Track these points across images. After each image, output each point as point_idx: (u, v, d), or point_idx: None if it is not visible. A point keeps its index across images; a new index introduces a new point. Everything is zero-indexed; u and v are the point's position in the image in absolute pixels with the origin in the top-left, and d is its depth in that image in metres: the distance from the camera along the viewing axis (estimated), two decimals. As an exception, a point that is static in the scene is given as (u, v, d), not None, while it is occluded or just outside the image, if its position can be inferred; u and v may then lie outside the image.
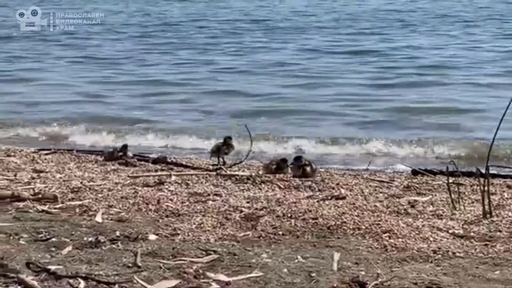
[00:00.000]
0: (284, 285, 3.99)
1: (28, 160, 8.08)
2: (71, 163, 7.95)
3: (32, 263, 4.18)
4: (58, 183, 6.62)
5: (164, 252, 4.54)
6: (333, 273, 4.20)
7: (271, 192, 6.45)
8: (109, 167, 7.79)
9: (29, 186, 6.48)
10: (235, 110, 13.82)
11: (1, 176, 6.98)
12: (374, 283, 3.98)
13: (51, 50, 25.04)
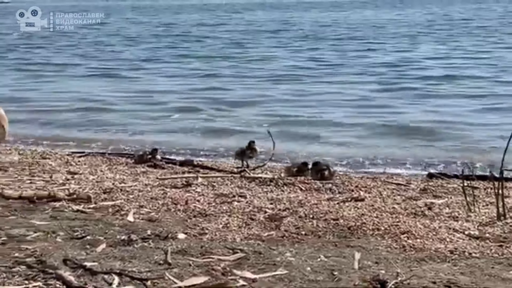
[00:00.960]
0: (307, 282, 3.99)
1: (62, 162, 8.11)
2: (103, 165, 7.97)
3: (69, 260, 4.21)
4: (91, 184, 6.64)
5: (193, 250, 4.54)
6: (354, 271, 4.20)
7: (293, 194, 6.45)
8: (139, 169, 7.79)
9: (64, 187, 6.50)
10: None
11: (37, 177, 7.01)
12: (394, 282, 3.97)
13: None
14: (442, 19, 52.00)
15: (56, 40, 35.26)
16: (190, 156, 9.51)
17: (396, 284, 3.96)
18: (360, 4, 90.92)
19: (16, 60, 26.62)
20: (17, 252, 4.39)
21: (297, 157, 9.37)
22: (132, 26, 50.71)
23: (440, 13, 61.86)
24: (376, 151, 10.53)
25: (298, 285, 3.95)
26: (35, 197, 5.91)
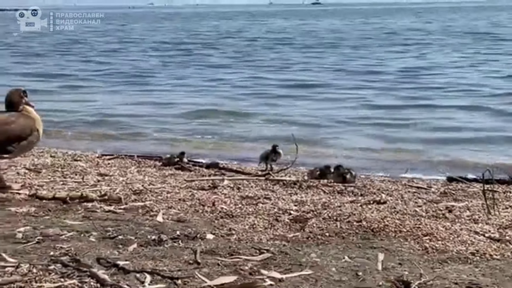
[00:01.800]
0: (333, 283, 3.98)
1: (93, 164, 8.13)
2: (132, 167, 7.98)
3: (102, 259, 4.23)
4: (122, 186, 6.64)
5: (221, 250, 4.54)
6: (378, 272, 4.18)
7: (317, 196, 6.43)
8: (167, 171, 7.79)
9: (95, 188, 6.51)
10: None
11: (70, 178, 7.04)
12: (418, 283, 3.95)
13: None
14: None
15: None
16: (216, 159, 9.50)
17: (420, 285, 3.95)
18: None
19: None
20: (52, 250, 4.41)
21: (319, 161, 9.37)
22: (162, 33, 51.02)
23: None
24: (397, 155, 10.52)
25: (324, 285, 3.94)
26: (68, 198, 5.93)
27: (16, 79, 21.36)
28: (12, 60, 29.90)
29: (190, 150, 9.72)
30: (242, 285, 3.91)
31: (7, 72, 24.28)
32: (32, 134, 6.21)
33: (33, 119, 6.28)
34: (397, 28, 56.23)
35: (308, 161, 9.46)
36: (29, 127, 6.20)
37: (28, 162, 7.86)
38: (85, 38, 45.50)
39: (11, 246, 4.51)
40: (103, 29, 58.28)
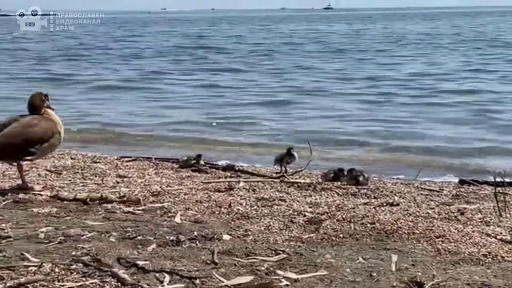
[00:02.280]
0: (347, 283, 3.99)
1: (112, 166, 8.15)
2: (149, 169, 7.99)
3: (122, 259, 4.24)
4: (140, 187, 6.64)
5: (238, 251, 4.55)
6: (392, 273, 4.18)
7: (331, 199, 6.43)
8: (184, 173, 7.80)
9: (114, 189, 6.52)
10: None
11: (89, 180, 7.06)
12: (431, 284, 3.95)
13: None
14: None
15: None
16: (231, 161, 9.52)
17: (433, 285, 3.95)
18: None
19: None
20: (74, 250, 4.43)
21: (332, 164, 9.38)
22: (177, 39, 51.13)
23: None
24: (409, 157, 10.52)
25: (339, 286, 3.94)
26: (89, 199, 5.95)
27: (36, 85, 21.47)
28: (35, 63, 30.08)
29: (206, 152, 9.72)
30: (259, 285, 3.92)
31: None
32: (53, 136, 6.26)
33: (55, 122, 6.33)
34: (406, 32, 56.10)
35: (322, 164, 9.48)
36: (51, 129, 6.24)
37: (49, 164, 7.91)
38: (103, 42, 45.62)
39: (34, 246, 4.53)
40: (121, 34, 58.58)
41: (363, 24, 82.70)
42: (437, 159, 10.59)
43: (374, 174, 8.63)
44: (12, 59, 32.33)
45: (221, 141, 12.09)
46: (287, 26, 78.24)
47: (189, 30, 69.06)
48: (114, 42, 47.11)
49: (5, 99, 17.53)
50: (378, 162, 10.40)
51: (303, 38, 50.72)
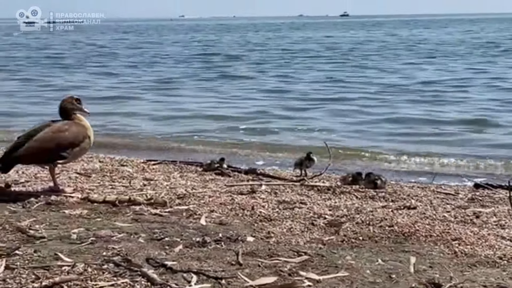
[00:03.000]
0: (368, 284, 4.00)
1: (139, 169, 8.20)
2: (174, 173, 8.03)
3: (151, 259, 4.28)
4: (166, 190, 6.67)
5: (261, 252, 4.57)
6: (411, 275, 4.18)
7: (350, 202, 6.43)
8: (207, 176, 7.82)
9: (142, 192, 6.55)
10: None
11: (118, 183, 7.12)
12: (449, 285, 3.95)
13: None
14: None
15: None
16: (253, 165, 9.55)
17: (451, 287, 3.95)
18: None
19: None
20: (104, 251, 4.48)
21: (350, 168, 9.41)
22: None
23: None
24: (425, 162, 10.50)
25: (359, 287, 3.96)
26: (117, 201, 6.00)
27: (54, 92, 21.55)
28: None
29: (228, 156, 9.75)
30: (282, 285, 3.95)
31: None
32: (84, 141, 6.32)
33: (85, 127, 6.40)
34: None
35: (339, 167, 9.49)
36: (81, 134, 6.31)
37: (78, 167, 7.98)
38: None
39: (67, 247, 4.59)
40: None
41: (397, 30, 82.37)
42: (452, 163, 10.55)
43: (391, 177, 8.62)
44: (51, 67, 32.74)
45: (243, 145, 12.13)
46: (309, 33, 78.23)
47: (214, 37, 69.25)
48: (135, 49, 47.49)
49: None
50: (393, 166, 10.38)
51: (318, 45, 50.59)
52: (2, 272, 4.02)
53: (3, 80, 25.14)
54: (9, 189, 6.46)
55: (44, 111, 15.48)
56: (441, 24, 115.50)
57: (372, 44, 51.18)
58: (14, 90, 22.22)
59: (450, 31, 77.76)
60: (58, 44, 52.09)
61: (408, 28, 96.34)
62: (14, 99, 19.58)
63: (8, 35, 64.29)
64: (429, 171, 9.80)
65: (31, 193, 6.34)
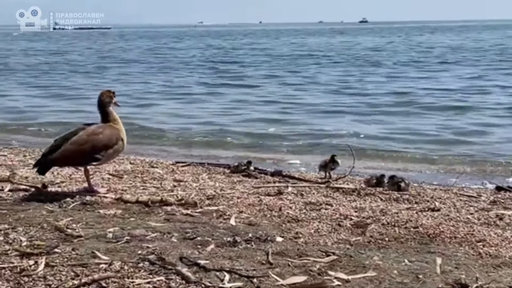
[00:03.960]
0: (395, 284, 3.99)
1: (168, 171, 8.24)
2: (203, 174, 8.06)
3: (184, 258, 4.30)
4: (195, 191, 6.69)
5: (290, 252, 4.58)
6: (437, 275, 4.17)
7: (375, 203, 6.41)
8: (235, 178, 7.84)
9: (172, 193, 6.58)
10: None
11: (149, 184, 7.15)
12: (475, 286, 3.93)
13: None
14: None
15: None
16: (278, 167, 9.54)
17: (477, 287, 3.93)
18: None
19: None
20: (139, 249, 4.51)
21: (372, 171, 9.39)
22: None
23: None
24: (447, 165, 10.44)
25: (387, 287, 3.95)
26: (150, 202, 6.02)
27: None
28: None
29: (254, 158, 9.75)
30: (312, 285, 3.95)
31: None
32: (117, 143, 6.37)
33: (118, 130, 6.44)
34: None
35: (362, 170, 9.46)
36: (115, 137, 6.36)
37: (111, 168, 8.04)
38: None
39: (103, 245, 4.63)
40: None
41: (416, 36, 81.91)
42: (473, 165, 10.47)
43: (413, 180, 8.57)
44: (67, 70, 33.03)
45: (269, 148, 12.15)
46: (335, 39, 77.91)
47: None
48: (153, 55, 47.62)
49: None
50: (416, 168, 10.33)
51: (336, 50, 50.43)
52: (43, 270, 4.07)
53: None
54: (45, 190, 6.52)
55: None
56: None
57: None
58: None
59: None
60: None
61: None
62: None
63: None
64: (450, 174, 9.73)
65: (67, 193, 6.39)
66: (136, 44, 66.55)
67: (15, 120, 16.24)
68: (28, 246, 4.56)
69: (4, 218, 5.41)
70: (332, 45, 60.11)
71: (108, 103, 6.41)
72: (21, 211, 5.67)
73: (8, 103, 19.72)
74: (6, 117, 16.68)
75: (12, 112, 17.81)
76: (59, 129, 13.10)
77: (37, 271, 4.04)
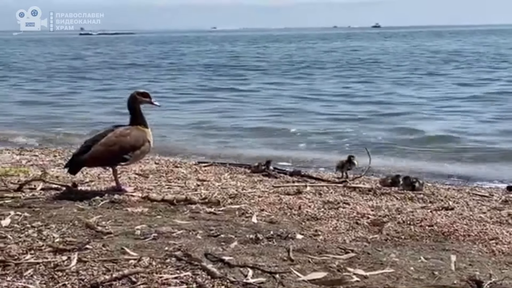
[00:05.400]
0: (412, 280, 3.98)
1: (192, 170, 8.27)
2: (225, 174, 8.08)
3: (209, 254, 4.31)
4: (218, 190, 6.70)
5: (310, 249, 4.57)
6: (452, 272, 4.15)
7: (390, 202, 6.39)
8: (255, 178, 7.84)
9: (196, 192, 6.59)
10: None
11: (173, 183, 7.19)
12: (489, 282, 3.92)
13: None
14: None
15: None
16: (296, 167, 9.53)
17: (491, 284, 3.91)
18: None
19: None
20: (166, 246, 4.53)
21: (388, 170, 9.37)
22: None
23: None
24: (457, 166, 10.39)
25: (404, 283, 3.94)
26: (175, 200, 6.06)
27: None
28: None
29: (274, 158, 9.75)
30: (332, 280, 3.95)
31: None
32: (144, 144, 6.41)
33: (145, 132, 6.48)
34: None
35: (377, 170, 9.43)
36: (142, 138, 6.40)
37: (137, 168, 8.09)
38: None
39: (132, 242, 4.65)
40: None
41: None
42: (483, 165, 10.42)
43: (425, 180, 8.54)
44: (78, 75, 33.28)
45: (287, 147, 12.16)
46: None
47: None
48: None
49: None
50: (427, 168, 10.29)
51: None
52: (75, 265, 4.11)
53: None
54: (76, 189, 6.58)
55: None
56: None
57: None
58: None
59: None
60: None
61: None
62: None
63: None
64: (462, 174, 9.68)
65: (96, 192, 6.45)
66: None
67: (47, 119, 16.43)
68: (60, 242, 4.61)
69: (37, 215, 5.47)
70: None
71: (138, 104, 6.45)
72: (53, 208, 5.72)
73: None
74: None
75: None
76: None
77: (70, 266, 4.08)
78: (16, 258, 4.26)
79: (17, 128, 14.87)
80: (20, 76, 32.33)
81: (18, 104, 20.76)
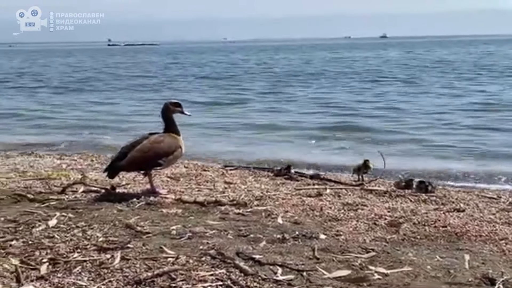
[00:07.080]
0: (429, 278, 4.02)
1: (219, 174, 8.32)
2: (249, 177, 8.11)
3: (240, 253, 4.38)
4: (244, 192, 6.73)
5: (333, 248, 4.62)
6: (466, 270, 4.19)
7: (405, 204, 6.40)
8: (278, 181, 7.87)
9: (224, 194, 6.64)
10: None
11: (203, 186, 7.25)
12: (501, 280, 3.94)
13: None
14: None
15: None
16: (314, 171, 9.53)
17: (503, 282, 3.94)
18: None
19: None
20: (201, 245, 4.60)
21: (402, 173, 9.38)
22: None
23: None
24: (467, 168, 10.36)
25: (422, 280, 3.99)
26: (206, 202, 6.12)
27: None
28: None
29: (294, 162, 9.77)
30: (356, 278, 4.00)
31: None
32: (177, 150, 6.49)
33: (177, 139, 6.56)
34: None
35: (390, 173, 9.42)
36: (174, 144, 6.49)
37: (168, 171, 8.16)
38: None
39: (169, 241, 4.74)
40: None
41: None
42: (490, 167, 10.37)
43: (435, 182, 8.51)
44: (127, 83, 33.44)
45: (306, 152, 12.18)
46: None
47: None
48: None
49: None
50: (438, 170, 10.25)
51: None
52: (119, 263, 4.20)
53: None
54: (114, 191, 6.68)
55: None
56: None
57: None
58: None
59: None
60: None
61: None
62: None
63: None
64: (471, 176, 9.65)
65: (133, 194, 6.53)
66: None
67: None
68: (104, 242, 4.72)
69: (81, 216, 5.57)
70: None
71: (171, 113, 6.54)
72: (95, 210, 5.83)
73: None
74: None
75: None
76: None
77: (114, 264, 4.18)
78: (64, 256, 4.37)
79: (59, 134, 15.01)
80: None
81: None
